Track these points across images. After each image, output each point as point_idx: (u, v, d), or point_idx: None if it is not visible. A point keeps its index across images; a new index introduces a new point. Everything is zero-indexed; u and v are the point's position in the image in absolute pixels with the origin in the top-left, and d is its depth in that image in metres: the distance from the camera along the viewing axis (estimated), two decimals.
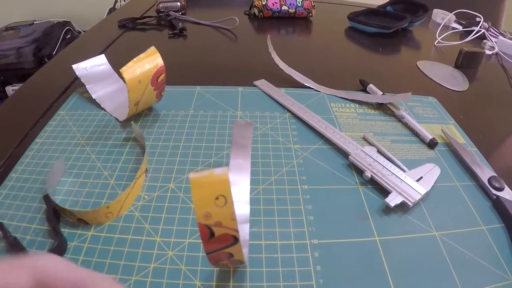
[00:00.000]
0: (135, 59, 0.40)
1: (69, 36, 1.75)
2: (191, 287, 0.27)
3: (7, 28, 1.72)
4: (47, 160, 0.39)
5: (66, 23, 1.81)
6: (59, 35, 1.69)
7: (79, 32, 1.86)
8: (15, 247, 0.29)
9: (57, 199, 0.34)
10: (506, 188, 0.38)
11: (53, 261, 0.18)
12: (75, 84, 0.55)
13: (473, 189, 0.39)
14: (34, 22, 1.79)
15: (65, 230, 0.31)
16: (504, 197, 0.37)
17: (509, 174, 0.41)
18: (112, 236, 0.31)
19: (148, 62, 0.40)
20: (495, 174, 0.40)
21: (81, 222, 0.32)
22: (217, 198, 0.19)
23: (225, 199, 0.19)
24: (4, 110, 0.51)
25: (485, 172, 0.40)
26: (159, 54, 0.41)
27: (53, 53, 1.61)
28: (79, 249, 0.30)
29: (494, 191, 0.38)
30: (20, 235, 0.30)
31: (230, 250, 0.22)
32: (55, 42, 1.66)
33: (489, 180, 0.39)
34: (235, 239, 0.21)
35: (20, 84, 1.64)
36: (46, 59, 1.58)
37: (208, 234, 0.20)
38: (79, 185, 0.36)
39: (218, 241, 0.21)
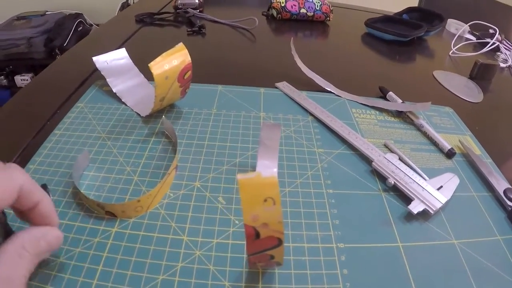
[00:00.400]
0: (163, 54, 0.39)
1: (81, 28, 1.75)
2: None
3: (18, 18, 1.72)
4: (67, 153, 0.39)
5: (78, 15, 1.81)
6: (71, 26, 1.68)
7: (91, 25, 1.86)
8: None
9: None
10: None
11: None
12: (93, 76, 0.54)
13: (489, 200, 0.39)
14: (46, 13, 1.79)
15: (87, 226, 0.31)
16: None
17: None
18: (137, 233, 0.31)
19: (176, 58, 0.40)
20: (510, 186, 0.40)
21: (108, 215, 0.32)
22: (265, 200, 0.19)
23: (274, 201, 0.19)
24: (19, 100, 0.50)
25: (500, 184, 0.40)
26: (187, 51, 0.41)
27: (65, 45, 1.61)
28: (102, 245, 0.29)
29: (509, 203, 0.38)
30: None
31: (273, 252, 0.22)
32: (66, 33, 1.66)
33: (504, 192, 0.39)
34: (280, 241, 0.21)
35: (30, 74, 1.64)
36: (57, 50, 1.58)
37: (254, 235, 0.20)
38: (101, 179, 0.36)
39: (263, 242, 0.21)
